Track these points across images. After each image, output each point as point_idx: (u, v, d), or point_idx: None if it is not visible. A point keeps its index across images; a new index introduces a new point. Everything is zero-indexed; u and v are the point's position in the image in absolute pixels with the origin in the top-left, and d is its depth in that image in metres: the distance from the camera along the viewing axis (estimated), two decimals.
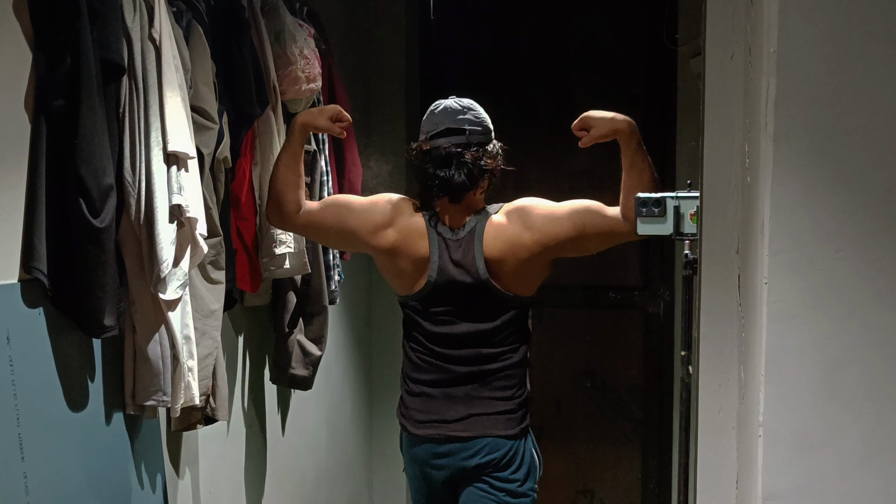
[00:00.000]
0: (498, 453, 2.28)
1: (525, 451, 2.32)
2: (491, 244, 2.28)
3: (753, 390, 1.45)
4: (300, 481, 3.23)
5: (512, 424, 2.30)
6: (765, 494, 1.39)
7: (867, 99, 1.33)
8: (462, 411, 2.30)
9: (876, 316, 1.35)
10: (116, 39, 1.82)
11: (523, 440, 2.32)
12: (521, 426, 2.31)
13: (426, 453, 2.34)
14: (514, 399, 2.31)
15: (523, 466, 2.31)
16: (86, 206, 1.74)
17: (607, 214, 2.31)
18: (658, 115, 3.79)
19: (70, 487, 1.84)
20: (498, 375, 2.31)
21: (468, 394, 2.31)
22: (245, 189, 2.44)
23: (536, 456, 2.37)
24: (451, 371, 2.31)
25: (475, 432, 2.28)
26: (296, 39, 2.58)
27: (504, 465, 2.29)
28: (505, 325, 2.30)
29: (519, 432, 2.30)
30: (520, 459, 2.31)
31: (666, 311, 3.88)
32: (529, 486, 2.33)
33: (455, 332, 2.31)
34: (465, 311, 2.31)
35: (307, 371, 2.90)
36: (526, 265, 2.29)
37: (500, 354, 2.31)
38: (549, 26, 3.99)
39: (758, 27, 1.46)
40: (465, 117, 2.32)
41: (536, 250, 2.28)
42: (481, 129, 2.34)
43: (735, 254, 1.67)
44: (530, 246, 2.27)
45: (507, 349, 2.31)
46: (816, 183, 1.35)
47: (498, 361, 2.31)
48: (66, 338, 1.83)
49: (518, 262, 2.28)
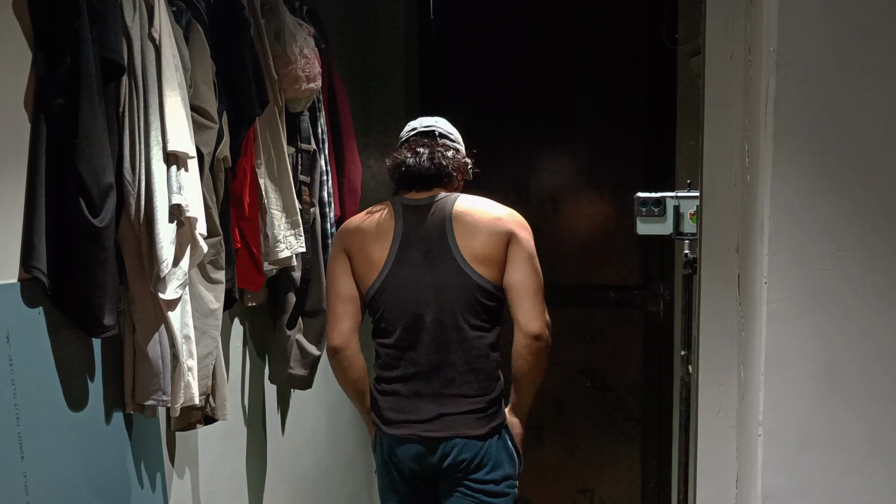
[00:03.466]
0: (468, 454, 2.22)
1: (499, 449, 2.25)
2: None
3: (753, 389, 1.45)
4: (300, 480, 3.23)
5: (482, 424, 2.22)
6: (764, 493, 1.39)
7: (867, 99, 1.33)
8: (431, 411, 2.24)
9: (875, 315, 1.35)
10: (116, 39, 1.82)
11: (496, 438, 2.25)
12: (495, 423, 2.24)
13: (400, 453, 2.28)
14: (487, 393, 2.24)
15: (499, 467, 2.25)
16: (85, 206, 1.74)
17: (520, 308, 2.21)
18: (658, 115, 3.79)
19: (70, 487, 1.84)
20: (475, 366, 2.24)
21: (433, 392, 2.24)
22: (247, 188, 2.44)
23: (514, 451, 2.30)
24: (419, 365, 2.27)
25: (449, 433, 2.22)
26: (296, 39, 2.58)
27: (475, 466, 2.23)
28: (479, 323, 2.25)
29: (489, 431, 2.23)
30: (493, 459, 2.24)
31: (666, 311, 3.88)
32: (508, 483, 2.28)
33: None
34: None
35: (306, 371, 2.90)
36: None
37: (473, 348, 2.24)
38: (548, 26, 3.99)
39: (757, 27, 1.46)
40: (435, 125, 2.38)
41: (511, 235, 2.25)
42: (450, 135, 2.39)
43: (735, 253, 1.68)
44: (508, 229, 2.25)
45: (482, 347, 2.24)
46: (816, 182, 1.35)
47: (466, 352, 2.24)
48: (66, 337, 1.83)
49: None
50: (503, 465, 2.26)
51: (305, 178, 2.77)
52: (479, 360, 2.24)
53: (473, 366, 2.24)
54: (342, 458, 3.61)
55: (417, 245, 2.24)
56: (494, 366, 2.27)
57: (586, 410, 4.03)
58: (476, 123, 3.73)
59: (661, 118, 3.76)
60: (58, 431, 1.82)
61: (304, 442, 3.25)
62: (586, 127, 3.97)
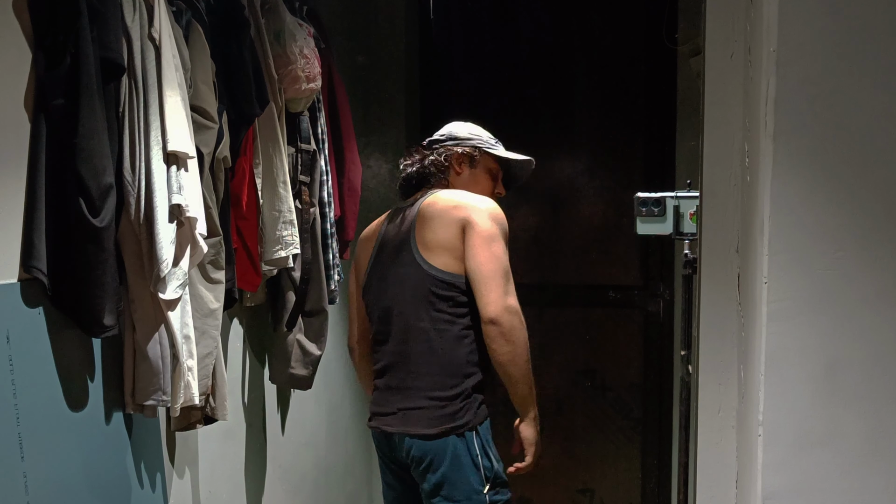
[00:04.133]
0: (418, 453, 2.15)
1: (456, 454, 2.13)
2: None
3: (753, 389, 1.45)
4: (300, 480, 3.23)
5: (433, 423, 2.14)
6: (764, 493, 1.39)
7: (867, 98, 1.33)
8: (394, 405, 2.23)
9: (875, 315, 1.35)
10: (116, 39, 1.82)
11: (454, 439, 2.13)
12: (451, 424, 2.14)
13: (376, 445, 2.35)
14: (438, 391, 2.16)
15: (453, 472, 2.13)
16: (85, 206, 1.74)
17: (477, 293, 2.13)
18: (658, 115, 3.79)
19: (70, 487, 1.84)
20: (425, 366, 2.18)
21: (398, 385, 2.23)
22: (245, 188, 2.44)
23: (482, 457, 2.16)
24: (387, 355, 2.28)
25: (400, 429, 2.19)
26: (296, 39, 2.58)
27: (426, 468, 2.15)
28: (432, 319, 2.19)
29: (443, 432, 2.13)
30: (446, 464, 2.12)
31: (666, 311, 3.88)
32: (468, 495, 2.13)
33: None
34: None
35: (307, 370, 2.90)
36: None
37: (428, 347, 2.19)
38: (548, 26, 3.99)
39: (757, 27, 1.46)
40: (439, 132, 2.44)
41: (468, 223, 2.18)
42: (443, 136, 2.41)
43: (735, 253, 1.68)
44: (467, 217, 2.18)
45: (437, 345, 2.18)
46: (816, 182, 1.35)
47: (427, 348, 2.19)
48: (66, 337, 1.83)
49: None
50: (458, 471, 2.13)
51: (305, 178, 2.77)
52: (440, 353, 2.17)
53: (434, 359, 2.17)
54: (342, 458, 3.61)
55: (391, 243, 2.29)
56: (461, 360, 2.17)
57: (586, 410, 4.03)
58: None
59: (661, 118, 3.76)
60: (58, 431, 1.81)
61: (304, 442, 3.25)
62: (586, 127, 3.97)
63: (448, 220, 2.18)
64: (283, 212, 2.59)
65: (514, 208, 3.94)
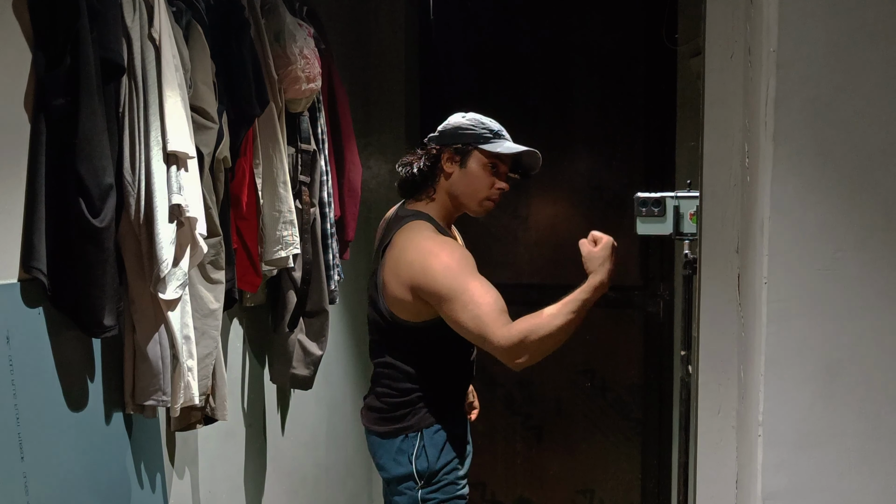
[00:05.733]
0: (371, 449, 2.38)
1: (398, 450, 2.28)
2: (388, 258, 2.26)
3: (753, 390, 1.45)
4: (300, 480, 3.23)
5: (381, 423, 2.32)
6: (764, 494, 1.39)
7: (867, 99, 1.33)
8: (365, 401, 2.42)
9: (875, 316, 1.35)
10: (116, 39, 1.82)
11: (399, 439, 2.28)
12: (394, 426, 2.29)
13: None
14: (384, 398, 2.31)
15: (392, 466, 2.29)
16: (85, 206, 1.74)
17: (494, 314, 2.06)
18: (658, 115, 3.79)
19: (70, 487, 1.84)
20: (382, 373, 2.33)
21: (371, 385, 2.41)
22: (245, 188, 2.44)
23: (415, 458, 2.27)
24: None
25: (363, 423, 2.40)
26: (295, 39, 2.58)
27: (376, 462, 2.36)
28: (376, 329, 2.33)
29: (388, 431, 2.30)
30: (388, 458, 2.30)
31: (666, 311, 3.88)
32: (404, 486, 2.28)
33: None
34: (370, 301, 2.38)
35: (308, 371, 2.90)
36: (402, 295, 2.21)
37: (377, 353, 2.37)
38: (548, 26, 3.99)
39: (757, 27, 1.46)
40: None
41: (412, 281, 2.17)
42: (437, 135, 2.38)
43: (734, 253, 1.68)
44: (410, 274, 2.17)
45: (381, 353, 2.33)
46: (816, 183, 1.35)
47: (375, 358, 2.37)
48: (66, 337, 1.83)
49: (397, 288, 2.22)
50: (397, 465, 2.29)
51: (305, 179, 2.77)
52: (384, 366, 2.33)
53: (379, 370, 2.35)
54: (342, 458, 3.61)
55: (376, 257, 2.36)
56: (400, 375, 2.29)
57: (586, 410, 4.03)
58: None
59: (661, 118, 3.76)
60: (58, 431, 1.82)
61: (304, 442, 3.25)
62: (586, 127, 3.97)
63: (400, 282, 2.20)
64: (284, 212, 2.59)
65: (514, 208, 3.95)
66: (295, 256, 2.69)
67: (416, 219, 2.27)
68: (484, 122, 2.35)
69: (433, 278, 2.12)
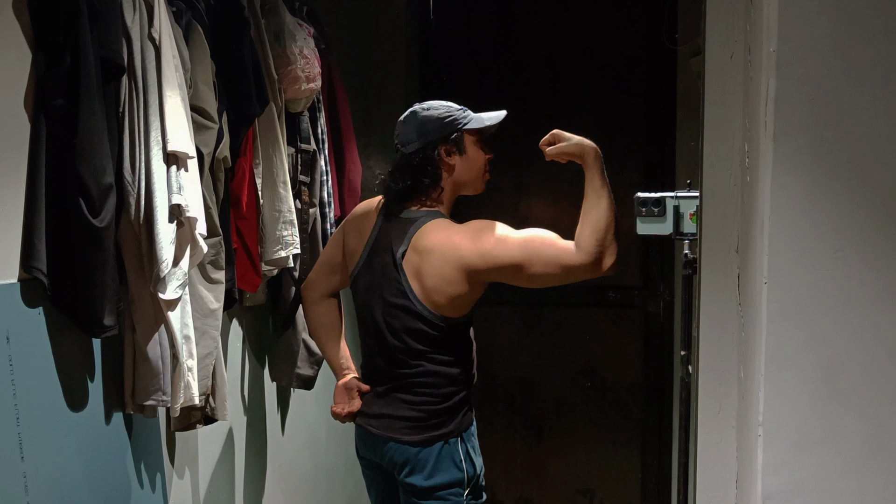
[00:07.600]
0: (400, 459, 2.23)
1: (439, 458, 2.22)
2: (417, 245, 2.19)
3: (753, 390, 1.45)
4: (300, 480, 3.23)
5: (416, 433, 2.21)
6: (764, 494, 1.39)
7: (867, 99, 1.33)
8: (379, 408, 2.28)
9: (875, 315, 1.35)
10: (116, 39, 1.82)
11: (438, 446, 2.22)
12: (432, 434, 2.21)
13: (357, 442, 2.40)
14: (422, 406, 2.22)
15: (437, 474, 2.21)
16: (85, 206, 1.74)
17: (558, 245, 2.16)
18: (658, 115, 3.79)
19: (70, 487, 1.84)
20: (419, 382, 2.22)
21: (387, 391, 2.28)
22: (245, 188, 2.44)
23: (464, 462, 2.25)
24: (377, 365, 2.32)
25: (383, 433, 2.26)
26: (295, 39, 2.58)
27: (409, 472, 2.23)
28: (416, 338, 2.21)
29: (426, 440, 2.21)
30: (430, 467, 2.21)
31: (666, 311, 3.88)
32: (451, 492, 2.23)
33: (370, 321, 2.30)
34: (379, 303, 2.27)
35: (313, 370, 2.91)
36: (452, 286, 2.17)
37: (412, 362, 2.23)
38: (548, 26, 3.99)
39: (757, 27, 1.46)
40: (397, 137, 2.37)
41: (471, 269, 2.14)
42: (406, 144, 2.33)
43: (735, 253, 1.68)
44: (466, 264, 2.14)
45: (420, 360, 2.22)
46: (816, 182, 1.35)
47: (410, 368, 2.23)
48: (66, 337, 1.83)
49: (442, 281, 2.17)
50: (442, 472, 2.22)
51: (305, 178, 2.77)
52: (423, 374, 2.22)
53: (416, 379, 2.22)
54: (342, 458, 3.61)
55: (380, 259, 2.24)
56: (443, 381, 2.23)
57: (586, 410, 4.03)
58: None
59: (661, 118, 3.76)
60: (58, 431, 1.82)
61: (304, 442, 3.25)
62: (586, 127, 3.94)
63: (444, 270, 2.16)
64: (283, 212, 2.59)
65: (514, 208, 3.95)
66: (295, 256, 2.69)
67: (432, 217, 2.23)
68: (451, 106, 2.37)
69: (498, 256, 2.13)
